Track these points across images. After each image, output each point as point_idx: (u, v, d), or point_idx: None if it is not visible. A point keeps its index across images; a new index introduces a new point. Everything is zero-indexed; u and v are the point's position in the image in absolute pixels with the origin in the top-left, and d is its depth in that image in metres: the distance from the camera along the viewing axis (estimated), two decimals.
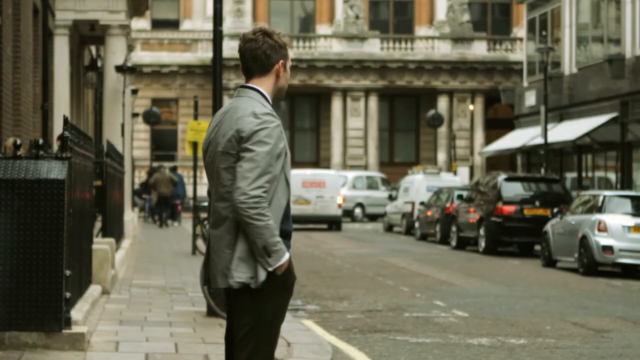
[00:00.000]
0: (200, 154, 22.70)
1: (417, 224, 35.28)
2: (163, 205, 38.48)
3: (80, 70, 31.92)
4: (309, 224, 39.23)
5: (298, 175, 38.40)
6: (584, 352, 10.89)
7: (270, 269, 4.85)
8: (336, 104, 57.56)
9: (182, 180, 41.06)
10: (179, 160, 53.83)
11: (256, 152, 4.84)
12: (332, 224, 39.38)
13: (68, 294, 9.25)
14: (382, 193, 47.31)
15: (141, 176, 50.52)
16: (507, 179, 28.51)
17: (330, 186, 39.00)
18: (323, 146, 58.63)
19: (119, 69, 27.38)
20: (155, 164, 50.92)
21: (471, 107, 58.18)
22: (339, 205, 39.21)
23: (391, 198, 40.48)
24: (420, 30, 59.36)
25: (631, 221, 21.53)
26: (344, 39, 57.40)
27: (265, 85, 5.01)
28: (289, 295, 4.95)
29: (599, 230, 21.50)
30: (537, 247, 27.20)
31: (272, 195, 4.86)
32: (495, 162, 55.19)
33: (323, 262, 22.90)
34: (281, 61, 4.98)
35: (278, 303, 4.90)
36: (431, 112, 55.90)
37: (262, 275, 4.86)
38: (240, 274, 4.88)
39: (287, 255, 4.87)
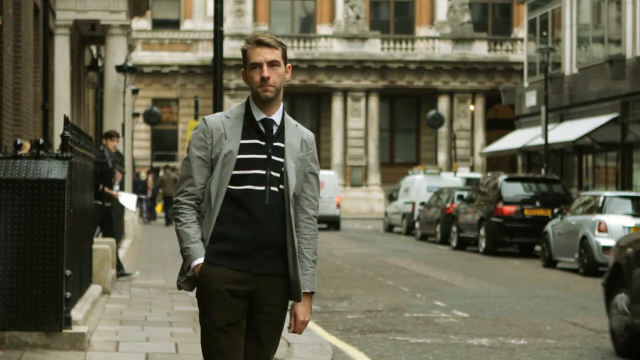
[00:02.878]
0: None
1: (417, 224, 35.28)
2: (169, 204, 39.68)
3: (80, 70, 31.92)
4: None
5: None
6: (584, 353, 10.89)
7: (189, 274, 4.91)
8: (337, 104, 57.57)
9: None
10: (180, 161, 53.84)
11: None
12: (331, 224, 40.18)
13: (68, 294, 9.25)
14: None
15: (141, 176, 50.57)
16: (508, 180, 28.50)
17: (329, 186, 39.44)
18: (323, 146, 58.61)
19: (120, 68, 27.39)
20: (155, 164, 51.00)
21: (472, 107, 58.18)
22: (338, 206, 39.90)
23: (391, 198, 40.51)
24: (421, 30, 59.36)
25: (631, 222, 21.52)
26: (345, 39, 57.39)
27: None
28: (206, 301, 4.87)
29: (600, 230, 21.50)
30: (538, 248, 27.20)
31: (207, 199, 4.89)
32: (496, 163, 55.19)
33: (323, 262, 22.90)
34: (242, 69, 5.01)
35: (199, 307, 4.93)
36: (432, 112, 55.92)
37: (182, 279, 4.96)
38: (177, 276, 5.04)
39: (196, 261, 4.86)
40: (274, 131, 4.93)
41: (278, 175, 4.89)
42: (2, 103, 15.37)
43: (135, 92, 40.21)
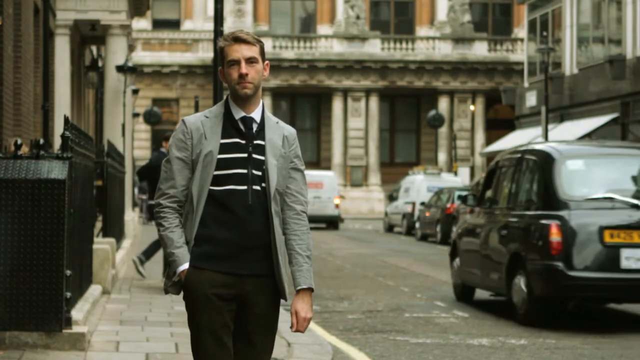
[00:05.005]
0: None
1: (417, 225, 35.27)
2: None
3: (81, 70, 31.93)
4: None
5: None
6: (584, 353, 10.88)
7: (174, 279, 4.84)
8: (337, 104, 57.58)
9: None
10: None
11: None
12: (330, 223, 40.43)
13: (68, 294, 9.24)
14: None
15: None
16: None
17: (328, 187, 39.63)
18: (324, 146, 58.64)
19: (120, 69, 27.39)
20: None
21: (472, 107, 58.19)
22: (337, 206, 40.09)
23: (392, 198, 40.53)
24: (421, 30, 59.36)
25: None
26: (345, 39, 57.41)
27: None
28: (194, 306, 4.81)
29: None
30: None
31: (189, 201, 4.85)
32: None
33: (323, 262, 22.90)
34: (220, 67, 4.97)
35: (187, 311, 4.88)
36: (432, 112, 55.94)
37: (169, 283, 4.89)
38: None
39: (181, 267, 4.79)
40: (254, 129, 4.85)
41: (260, 173, 4.81)
42: (2, 103, 15.38)
43: (135, 92, 40.21)
